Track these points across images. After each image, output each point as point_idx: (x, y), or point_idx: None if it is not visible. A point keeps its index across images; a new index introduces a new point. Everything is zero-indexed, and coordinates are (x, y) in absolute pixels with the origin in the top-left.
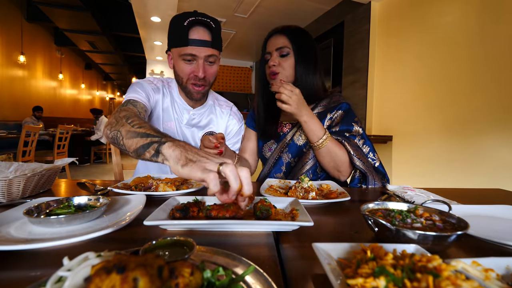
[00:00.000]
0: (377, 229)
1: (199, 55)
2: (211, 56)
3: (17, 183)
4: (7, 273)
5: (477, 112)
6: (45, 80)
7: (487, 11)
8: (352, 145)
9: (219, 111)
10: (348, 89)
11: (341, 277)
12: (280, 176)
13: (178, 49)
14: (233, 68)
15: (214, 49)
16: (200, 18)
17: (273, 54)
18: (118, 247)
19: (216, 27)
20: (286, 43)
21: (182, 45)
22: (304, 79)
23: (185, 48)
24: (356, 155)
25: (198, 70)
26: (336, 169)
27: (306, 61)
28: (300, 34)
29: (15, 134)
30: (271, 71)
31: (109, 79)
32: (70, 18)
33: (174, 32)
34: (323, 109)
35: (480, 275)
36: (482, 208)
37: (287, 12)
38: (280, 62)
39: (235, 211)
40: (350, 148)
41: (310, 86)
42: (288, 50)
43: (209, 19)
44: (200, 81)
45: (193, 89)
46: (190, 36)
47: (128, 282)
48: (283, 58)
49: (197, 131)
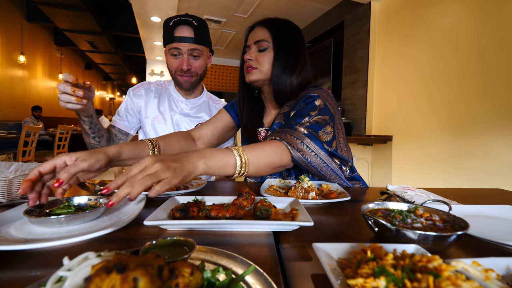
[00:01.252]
0: (377, 229)
1: (182, 49)
2: (194, 50)
3: (17, 183)
4: (7, 273)
5: (477, 111)
6: (45, 80)
7: (488, 11)
8: (291, 134)
9: (213, 107)
10: (348, 89)
11: (341, 277)
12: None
13: (168, 46)
14: (233, 68)
15: (198, 44)
16: (184, 18)
17: (251, 48)
18: (118, 247)
19: (198, 25)
20: (266, 37)
21: (169, 42)
22: (279, 78)
23: (171, 44)
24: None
25: (182, 63)
26: (276, 169)
27: (285, 58)
28: (283, 28)
29: (15, 134)
30: (248, 66)
31: (109, 79)
32: (70, 18)
33: (164, 32)
34: (288, 108)
35: (480, 275)
36: (482, 208)
37: (287, 12)
38: (257, 57)
39: (235, 211)
40: (284, 138)
41: (282, 86)
42: (268, 45)
43: (192, 19)
44: (186, 73)
45: (181, 79)
46: (175, 34)
47: (128, 282)
48: (261, 53)
49: (190, 121)
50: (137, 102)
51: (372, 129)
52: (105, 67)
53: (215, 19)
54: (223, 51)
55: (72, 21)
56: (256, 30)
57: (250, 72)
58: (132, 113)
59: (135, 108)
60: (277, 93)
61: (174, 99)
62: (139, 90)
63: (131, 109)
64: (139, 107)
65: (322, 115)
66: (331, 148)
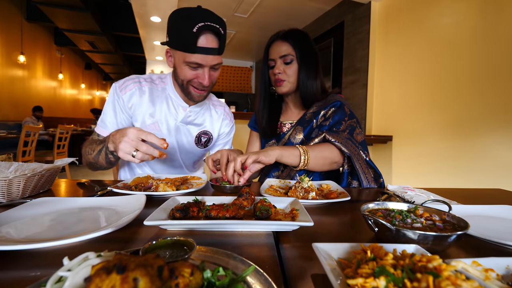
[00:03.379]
0: (377, 229)
1: (206, 64)
2: (217, 64)
3: (17, 183)
4: (7, 273)
5: (477, 111)
6: (45, 80)
7: (487, 11)
8: (342, 137)
9: (214, 111)
10: (348, 89)
11: (341, 277)
12: (277, 175)
13: (183, 53)
14: (233, 68)
15: (220, 56)
16: (210, 24)
17: (277, 62)
18: (118, 247)
19: (224, 32)
20: (290, 51)
21: (189, 52)
22: (305, 85)
23: (192, 56)
24: (342, 143)
25: (203, 78)
26: (330, 166)
27: (308, 67)
28: (302, 39)
29: (15, 134)
30: (277, 79)
31: (109, 79)
32: (70, 18)
33: (179, 34)
34: (317, 108)
35: (480, 275)
36: (482, 208)
37: (287, 12)
38: (284, 70)
39: (235, 211)
40: (337, 139)
41: (310, 91)
42: (292, 58)
43: (218, 25)
44: (204, 87)
45: (195, 92)
46: (199, 44)
47: (128, 282)
48: (287, 66)
49: (191, 129)
50: (128, 101)
51: (372, 129)
52: (105, 67)
53: None
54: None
55: (72, 21)
56: (278, 45)
57: (281, 85)
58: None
59: (126, 108)
60: (305, 97)
61: (174, 103)
62: (129, 88)
63: (122, 108)
64: (130, 108)
65: (351, 119)
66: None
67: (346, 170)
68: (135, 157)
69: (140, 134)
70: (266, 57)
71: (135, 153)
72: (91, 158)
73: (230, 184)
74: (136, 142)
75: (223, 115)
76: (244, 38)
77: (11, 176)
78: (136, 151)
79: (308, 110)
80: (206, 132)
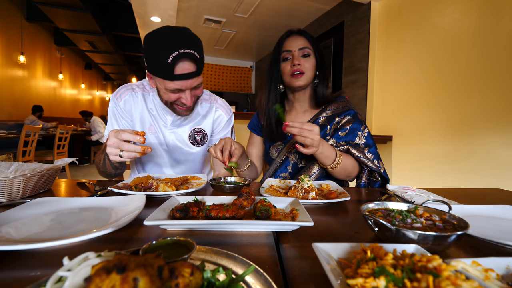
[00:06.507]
0: (377, 229)
1: (186, 88)
2: (197, 85)
3: (17, 183)
4: (7, 273)
5: (477, 111)
6: (45, 80)
7: (487, 11)
8: (360, 151)
9: (203, 105)
10: (348, 89)
11: (341, 277)
12: (284, 176)
13: (162, 80)
14: (233, 68)
15: (200, 76)
16: (184, 51)
17: (294, 54)
18: (118, 247)
19: (200, 54)
20: (308, 45)
21: (167, 79)
22: (322, 81)
23: (171, 83)
24: (364, 157)
25: (186, 100)
26: (347, 176)
27: (322, 65)
28: (315, 40)
29: (15, 134)
30: (296, 70)
31: (109, 79)
32: (70, 18)
33: (156, 62)
34: (331, 113)
35: (480, 275)
36: (482, 208)
37: (287, 12)
38: (303, 63)
39: (235, 211)
40: (359, 153)
41: (323, 90)
42: (310, 51)
43: (193, 49)
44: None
45: (180, 109)
46: (176, 72)
47: (128, 282)
48: (306, 59)
49: (182, 130)
50: (124, 107)
51: (372, 129)
52: (105, 67)
53: (215, 19)
54: (223, 51)
55: (72, 21)
56: (295, 38)
57: (299, 77)
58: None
59: (125, 113)
60: (320, 95)
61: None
62: (124, 95)
63: (121, 114)
64: (128, 112)
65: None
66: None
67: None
68: (123, 157)
69: (117, 134)
70: (278, 51)
71: (121, 153)
72: (101, 167)
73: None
74: (118, 143)
75: (215, 107)
76: (244, 38)
77: (11, 176)
78: (122, 151)
79: (320, 114)
80: (199, 130)
